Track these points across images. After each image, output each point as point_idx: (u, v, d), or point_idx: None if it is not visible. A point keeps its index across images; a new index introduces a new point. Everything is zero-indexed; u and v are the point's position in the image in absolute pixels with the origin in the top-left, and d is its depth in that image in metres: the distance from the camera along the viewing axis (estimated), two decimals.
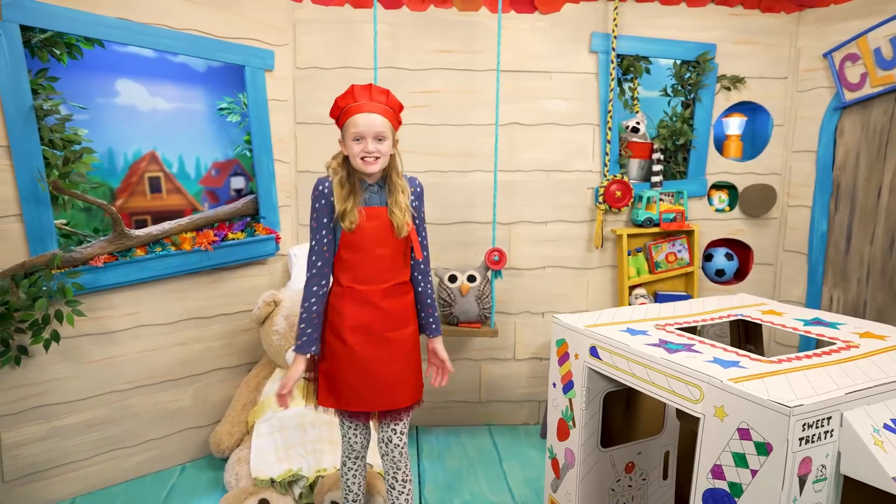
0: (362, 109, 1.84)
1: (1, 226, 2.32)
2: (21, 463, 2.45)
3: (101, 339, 2.59)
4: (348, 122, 1.84)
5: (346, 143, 1.86)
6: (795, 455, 1.35)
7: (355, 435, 2.04)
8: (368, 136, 1.82)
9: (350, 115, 1.84)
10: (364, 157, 1.83)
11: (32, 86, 2.33)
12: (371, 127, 1.82)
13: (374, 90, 1.88)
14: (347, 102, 1.86)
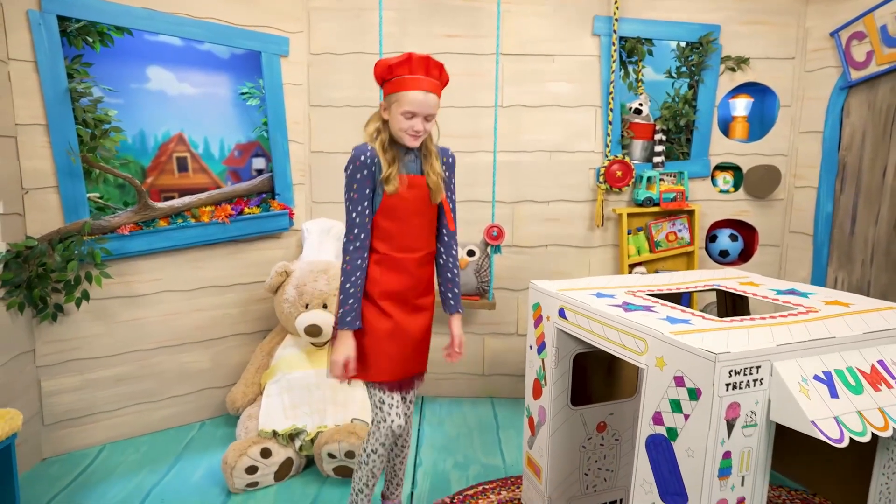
0: (420, 86, 1.74)
1: (40, 196, 2.59)
2: (58, 409, 2.73)
3: (127, 301, 2.85)
4: (401, 95, 1.74)
5: (393, 113, 1.77)
6: (722, 399, 1.44)
7: (398, 415, 1.89)
8: (421, 115, 1.76)
9: (405, 87, 1.74)
10: (411, 133, 1.78)
11: (68, 70, 2.59)
12: (426, 107, 1.76)
13: (432, 64, 1.77)
14: (403, 72, 1.74)
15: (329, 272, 3.03)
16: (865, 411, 1.46)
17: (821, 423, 1.40)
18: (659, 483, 1.58)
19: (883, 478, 1.70)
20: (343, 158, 3.21)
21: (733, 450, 1.48)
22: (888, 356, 1.61)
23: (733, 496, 1.50)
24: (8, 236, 2.48)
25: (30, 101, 2.52)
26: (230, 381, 3.14)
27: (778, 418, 1.47)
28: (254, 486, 2.49)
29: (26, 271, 2.49)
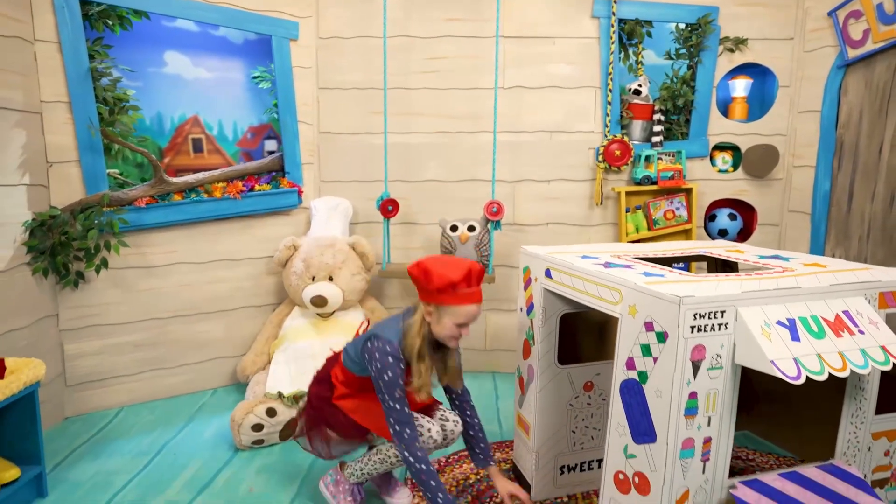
0: (475, 300, 1.86)
1: (63, 169, 2.76)
2: (80, 371, 2.90)
3: (144, 272, 3.00)
4: (458, 309, 1.84)
5: (445, 322, 1.85)
6: (687, 341, 1.52)
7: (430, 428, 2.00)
8: (469, 324, 1.88)
9: (462, 302, 1.83)
10: (457, 337, 1.89)
11: (89, 51, 2.76)
12: (475, 317, 1.88)
13: (480, 276, 1.89)
14: (463, 287, 1.83)
15: (335, 246, 3.16)
16: (825, 354, 1.53)
17: (779, 363, 1.47)
18: (631, 425, 1.67)
19: (851, 426, 1.77)
20: (350, 139, 3.41)
21: (699, 390, 1.56)
22: (854, 307, 1.67)
23: (699, 435, 1.58)
24: (33, 206, 2.65)
25: (54, 79, 2.69)
26: (241, 351, 3.28)
27: (742, 360, 1.55)
28: (259, 444, 2.62)
29: (50, 239, 2.66)
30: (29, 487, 2.19)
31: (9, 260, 2.51)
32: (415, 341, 1.86)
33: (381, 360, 1.83)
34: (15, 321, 2.53)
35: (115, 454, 2.55)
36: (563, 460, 2.26)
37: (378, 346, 1.85)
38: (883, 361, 1.57)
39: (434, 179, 3.43)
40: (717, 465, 1.62)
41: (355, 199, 3.42)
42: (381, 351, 1.83)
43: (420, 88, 3.36)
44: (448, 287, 1.83)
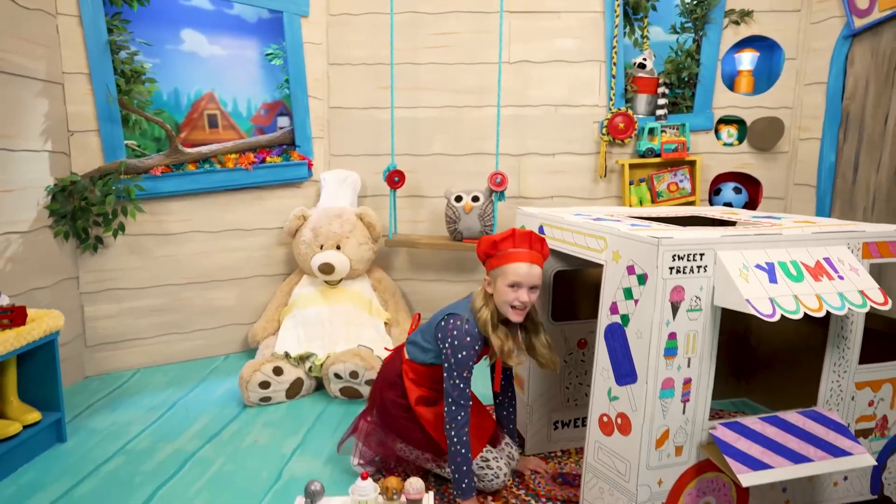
0: (524, 258, 1.82)
1: (83, 138, 2.89)
2: (99, 333, 3.04)
3: (160, 239, 3.13)
4: (507, 268, 1.82)
5: (498, 285, 1.83)
6: (666, 282, 1.57)
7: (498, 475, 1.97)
8: (526, 286, 1.82)
9: (510, 260, 1.82)
10: (516, 305, 1.82)
11: (108, 25, 2.88)
12: (530, 278, 1.82)
13: (534, 238, 1.86)
14: (507, 246, 1.84)
15: (343, 216, 3.25)
16: (802, 296, 1.57)
17: (755, 302, 1.52)
18: (614, 367, 1.72)
19: (834, 375, 1.80)
20: (360, 114, 3.49)
21: (678, 331, 1.60)
22: (835, 255, 1.70)
23: (679, 376, 1.63)
24: (55, 172, 2.78)
25: (75, 52, 2.82)
26: (253, 319, 3.39)
27: (720, 302, 1.59)
28: (266, 401, 2.72)
29: (70, 204, 2.79)
30: (49, 432, 2.32)
31: (32, 221, 2.65)
32: (483, 313, 1.86)
33: (458, 336, 1.83)
34: (37, 280, 2.67)
35: (131, 408, 2.68)
36: (556, 416, 2.32)
37: (455, 323, 1.85)
38: (860, 304, 1.60)
39: (441, 153, 3.50)
40: (697, 406, 1.67)
41: (364, 173, 3.50)
42: (459, 329, 1.83)
43: (427, 63, 3.43)
44: (491, 248, 1.87)
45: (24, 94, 2.59)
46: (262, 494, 2.02)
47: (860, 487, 1.91)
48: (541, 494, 2.03)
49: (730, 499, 1.77)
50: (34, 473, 2.14)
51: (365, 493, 1.57)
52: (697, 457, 1.70)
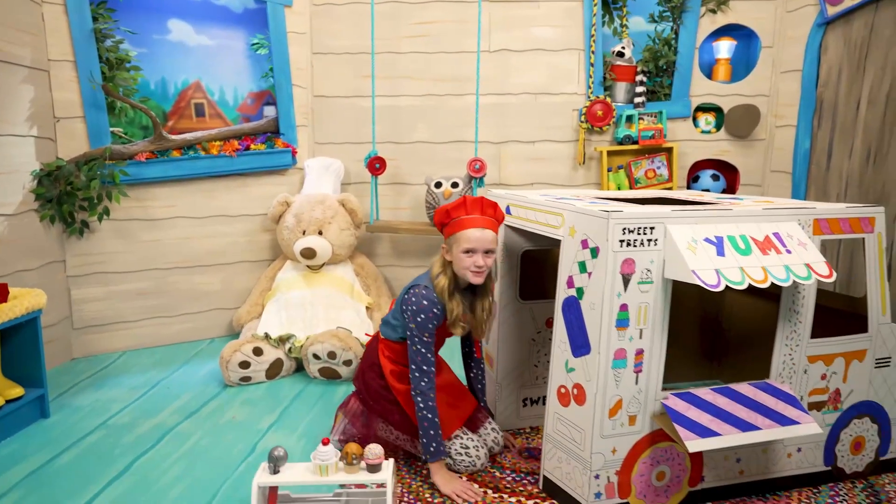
0: (476, 224, 1.89)
1: (69, 124, 2.95)
2: (86, 316, 3.11)
3: (146, 224, 3.19)
4: (460, 234, 1.89)
5: (455, 252, 1.91)
6: (616, 255, 1.63)
7: (478, 456, 2.02)
8: (480, 250, 1.88)
9: (463, 227, 1.89)
10: (474, 270, 1.89)
11: (93, 13, 2.94)
12: (483, 242, 1.88)
13: (486, 204, 1.93)
14: (459, 214, 1.91)
15: (325, 203, 3.31)
16: (748, 268, 1.62)
17: (700, 273, 1.57)
18: (570, 339, 1.78)
19: (786, 348, 1.85)
20: (343, 103, 3.54)
21: (630, 303, 1.66)
22: (785, 230, 1.76)
23: (631, 347, 1.69)
24: (41, 157, 2.84)
25: (60, 39, 2.88)
26: (237, 304, 3.44)
27: (670, 274, 1.65)
28: (247, 381, 2.78)
29: (56, 188, 2.85)
30: (32, 408, 2.39)
31: (17, 205, 2.71)
32: (440, 280, 1.93)
33: (416, 302, 1.91)
34: (24, 262, 2.73)
35: (115, 387, 2.75)
36: (525, 393, 2.38)
37: (415, 291, 1.94)
38: (805, 277, 1.66)
39: (422, 141, 3.55)
40: (650, 377, 1.72)
41: (347, 160, 3.56)
42: (418, 295, 1.92)
43: (409, 52, 3.49)
44: (445, 216, 1.95)
45: (9, 81, 2.65)
46: (235, 465, 2.09)
47: (813, 459, 1.96)
48: (506, 467, 2.09)
49: (684, 468, 1.83)
50: (16, 446, 2.21)
51: (326, 457, 1.63)
52: (651, 426, 1.76)
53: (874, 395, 1.98)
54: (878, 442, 2.03)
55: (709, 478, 1.86)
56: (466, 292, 2.03)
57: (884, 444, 2.04)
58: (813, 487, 1.96)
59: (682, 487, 1.84)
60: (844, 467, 2.00)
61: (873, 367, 1.96)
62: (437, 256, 2.00)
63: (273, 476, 1.64)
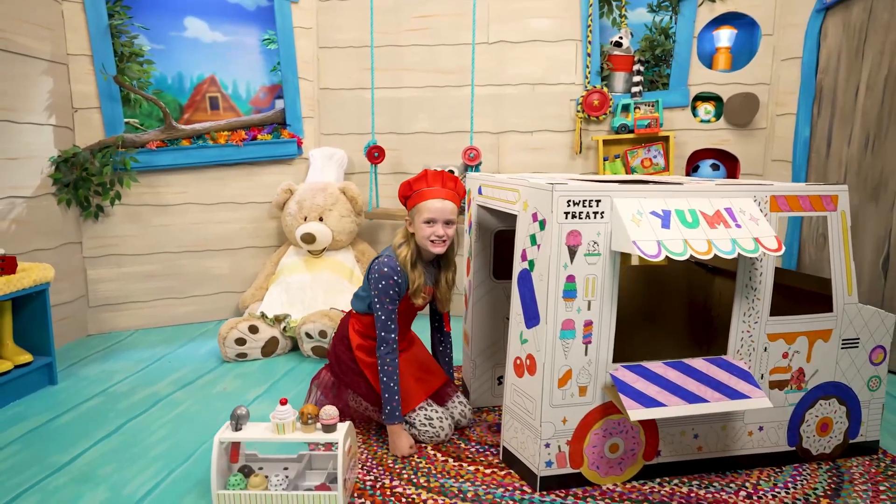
0: (436, 195, 1.97)
1: (86, 115, 3.16)
2: (100, 295, 3.30)
3: (158, 209, 3.37)
4: (421, 205, 1.97)
5: (416, 223, 1.99)
6: (562, 226, 1.67)
7: (442, 427, 2.07)
8: (440, 221, 1.96)
9: (423, 199, 1.97)
10: (434, 239, 1.97)
11: (109, 10, 3.13)
12: (443, 213, 1.96)
13: (446, 177, 2.01)
14: (421, 186, 2.00)
15: (327, 190, 3.43)
16: (692, 240, 1.64)
17: (641, 244, 1.60)
18: (524, 311, 1.82)
19: (744, 325, 1.85)
20: (347, 95, 3.65)
21: (577, 275, 1.70)
22: (738, 206, 1.76)
23: (580, 318, 1.73)
24: (59, 144, 3.05)
25: (78, 35, 3.08)
26: (244, 287, 3.59)
27: (615, 246, 1.68)
28: (243, 358, 2.92)
29: (72, 174, 3.05)
30: (41, 374, 2.57)
31: (36, 188, 2.92)
32: (402, 249, 2.01)
33: (378, 269, 1.99)
34: (41, 242, 2.93)
35: (120, 361, 2.92)
36: (500, 371, 2.42)
37: (379, 260, 2.03)
38: (751, 250, 1.67)
39: (423, 131, 3.64)
40: (599, 349, 1.76)
41: (351, 151, 3.67)
42: (380, 263, 2.00)
43: (410, 45, 3.58)
44: (407, 189, 2.04)
45: (29, 73, 2.86)
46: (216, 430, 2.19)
47: (776, 438, 1.95)
48: (472, 439, 2.14)
49: (638, 441, 1.85)
50: (22, 407, 2.39)
51: (284, 416, 1.72)
52: (602, 398, 1.79)
53: (841, 376, 1.96)
54: (847, 424, 2.00)
55: (665, 452, 1.88)
56: (431, 266, 2.10)
57: (853, 427, 2.01)
58: (776, 467, 1.95)
59: (637, 461, 1.87)
60: (811, 448, 1.99)
61: (839, 348, 1.94)
62: (401, 229, 2.08)
63: (234, 433, 1.74)
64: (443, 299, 2.15)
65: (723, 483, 1.86)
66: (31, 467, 1.95)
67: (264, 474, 1.75)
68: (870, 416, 2.02)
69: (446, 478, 1.88)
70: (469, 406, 2.24)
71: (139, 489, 1.83)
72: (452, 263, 2.13)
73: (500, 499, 1.77)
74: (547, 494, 1.78)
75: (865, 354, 1.97)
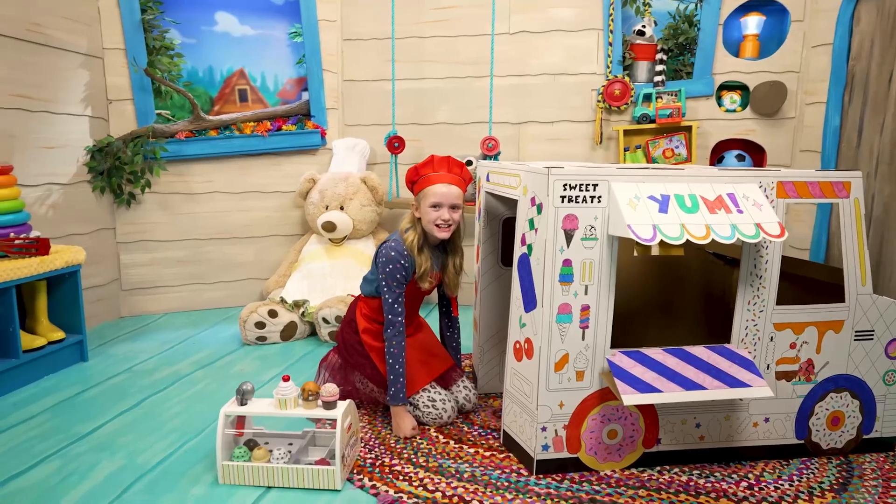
0: (442, 180, 2.00)
1: (120, 106, 3.30)
2: (133, 279, 3.45)
3: (186, 197, 3.50)
4: (427, 190, 2.00)
5: (422, 208, 2.02)
6: (558, 210, 1.67)
7: (445, 409, 2.10)
8: (446, 205, 2.00)
9: (430, 183, 2.01)
10: (440, 224, 2.01)
11: (141, 6, 3.26)
12: (449, 197, 1.99)
13: (452, 163, 2.04)
14: (427, 171, 2.03)
15: (348, 180, 3.49)
16: (689, 225, 1.62)
17: (636, 227, 1.59)
18: (523, 295, 1.84)
19: (748, 314, 1.82)
20: (371, 86, 3.73)
21: (574, 259, 1.70)
22: (741, 192, 1.73)
23: (577, 302, 1.73)
24: (94, 134, 3.20)
25: (113, 30, 3.22)
26: (269, 274, 3.69)
27: (612, 231, 1.68)
28: (262, 341, 3.01)
29: (106, 162, 3.20)
30: (73, 351, 2.72)
31: (72, 176, 3.07)
32: (409, 234, 2.04)
33: (385, 254, 2.04)
34: (76, 227, 3.09)
35: (148, 341, 3.05)
36: None
37: (386, 245, 2.08)
38: (752, 235, 1.64)
39: (444, 122, 3.66)
40: (597, 334, 1.76)
41: (374, 142, 3.72)
42: (388, 248, 2.05)
43: (431, 36, 3.61)
44: (414, 174, 2.08)
45: (66, 66, 3.01)
46: None
47: (783, 430, 1.91)
48: (475, 423, 2.17)
49: (637, 428, 1.85)
50: (54, 381, 2.53)
51: (286, 392, 1.78)
52: (601, 383, 1.79)
53: (854, 369, 1.90)
54: (861, 419, 1.94)
55: (665, 440, 1.86)
56: (438, 251, 2.13)
57: (868, 422, 1.95)
58: (783, 460, 1.91)
59: (637, 448, 1.86)
60: (820, 442, 1.94)
61: (852, 340, 1.88)
62: (408, 214, 2.12)
63: (240, 407, 1.81)
64: (451, 284, 2.18)
65: (724, 473, 1.83)
66: (56, 435, 2.07)
67: (269, 448, 1.82)
68: (886, 411, 1.95)
69: (445, 459, 1.91)
70: (474, 391, 2.27)
71: (152, 458, 1.92)
72: (459, 248, 2.15)
73: (496, 480, 1.79)
74: (543, 478, 1.80)
75: (881, 347, 1.91)
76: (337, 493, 1.72)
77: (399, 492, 1.72)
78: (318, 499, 1.70)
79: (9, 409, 2.27)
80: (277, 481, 1.75)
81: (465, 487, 1.75)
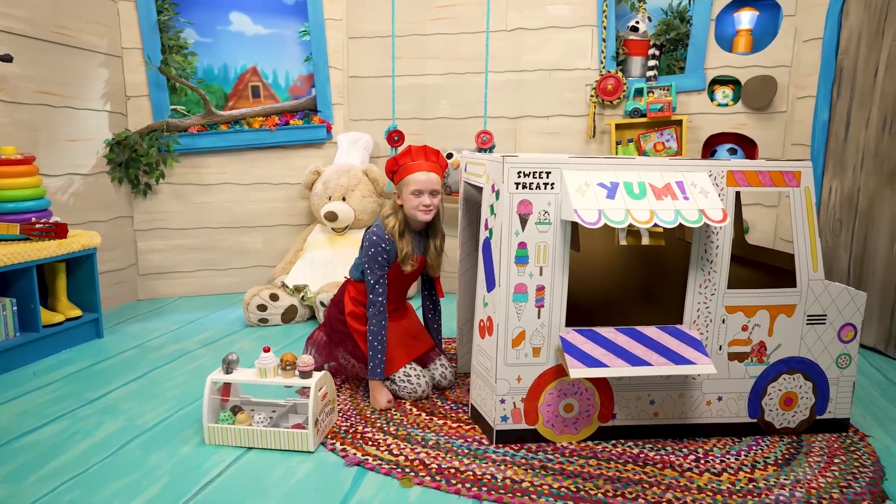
0: (421, 168, 2.14)
1: (137, 102, 3.52)
2: (149, 265, 3.69)
3: (199, 188, 3.71)
4: (408, 178, 2.14)
5: (404, 195, 2.16)
6: (513, 196, 1.80)
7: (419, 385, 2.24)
8: (426, 191, 2.14)
9: (409, 172, 2.14)
10: (422, 209, 2.14)
11: (158, 7, 3.48)
12: (429, 184, 2.13)
13: (429, 151, 2.19)
14: (406, 161, 2.17)
15: (350, 172, 3.66)
16: (635, 210, 1.73)
17: (582, 212, 1.71)
18: (486, 276, 1.96)
19: (700, 297, 1.91)
20: (375, 83, 3.89)
21: (528, 242, 1.82)
22: (690, 180, 1.82)
23: (532, 283, 1.85)
24: (113, 128, 3.43)
25: (131, 30, 3.45)
26: (277, 262, 3.89)
27: (563, 216, 1.79)
28: (264, 323, 3.20)
29: (124, 154, 3.43)
30: (89, 328, 2.94)
31: (92, 167, 3.30)
32: (390, 220, 2.18)
33: (368, 238, 2.19)
34: (96, 215, 3.32)
35: (160, 322, 3.27)
36: None
37: (369, 230, 2.23)
38: (695, 220, 1.73)
39: (444, 117, 3.80)
40: (552, 313, 1.87)
41: (378, 136, 3.88)
42: (370, 233, 2.20)
43: (432, 34, 3.74)
44: (394, 164, 2.23)
45: (88, 65, 3.24)
46: None
47: (736, 409, 1.99)
48: (450, 398, 2.30)
49: (593, 403, 1.96)
50: (70, 355, 2.76)
51: (266, 362, 1.95)
52: (556, 360, 1.90)
53: (807, 352, 1.98)
54: (814, 400, 2.01)
55: (620, 415, 1.97)
56: (419, 236, 2.27)
57: (820, 403, 2.02)
58: (736, 437, 1.99)
59: (593, 422, 1.97)
60: (773, 422, 2.01)
61: (804, 324, 1.96)
62: (390, 202, 2.26)
63: (225, 375, 1.98)
64: (433, 265, 2.32)
65: (676, 448, 1.93)
66: (67, 400, 2.28)
67: (252, 414, 1.99)
68: (839, 393, 2.02)
69: (414, 428, 2.05)
70: (451, 369, 2.40)
71: (149, 421, 2.11)
72: (439, 230, 2.30)
73: (458, 448, 1.92)
74: (502, 447, 1.92)
75: (834, 332, 1.97)
76: (309, 455, 1.88)
77: (366, 454, 1.87)
78: (292, 459, 1.86)
79: (28, 377, 2.50)
80: (257, 442, 1.92)
81: (427, 453, 1.89)
